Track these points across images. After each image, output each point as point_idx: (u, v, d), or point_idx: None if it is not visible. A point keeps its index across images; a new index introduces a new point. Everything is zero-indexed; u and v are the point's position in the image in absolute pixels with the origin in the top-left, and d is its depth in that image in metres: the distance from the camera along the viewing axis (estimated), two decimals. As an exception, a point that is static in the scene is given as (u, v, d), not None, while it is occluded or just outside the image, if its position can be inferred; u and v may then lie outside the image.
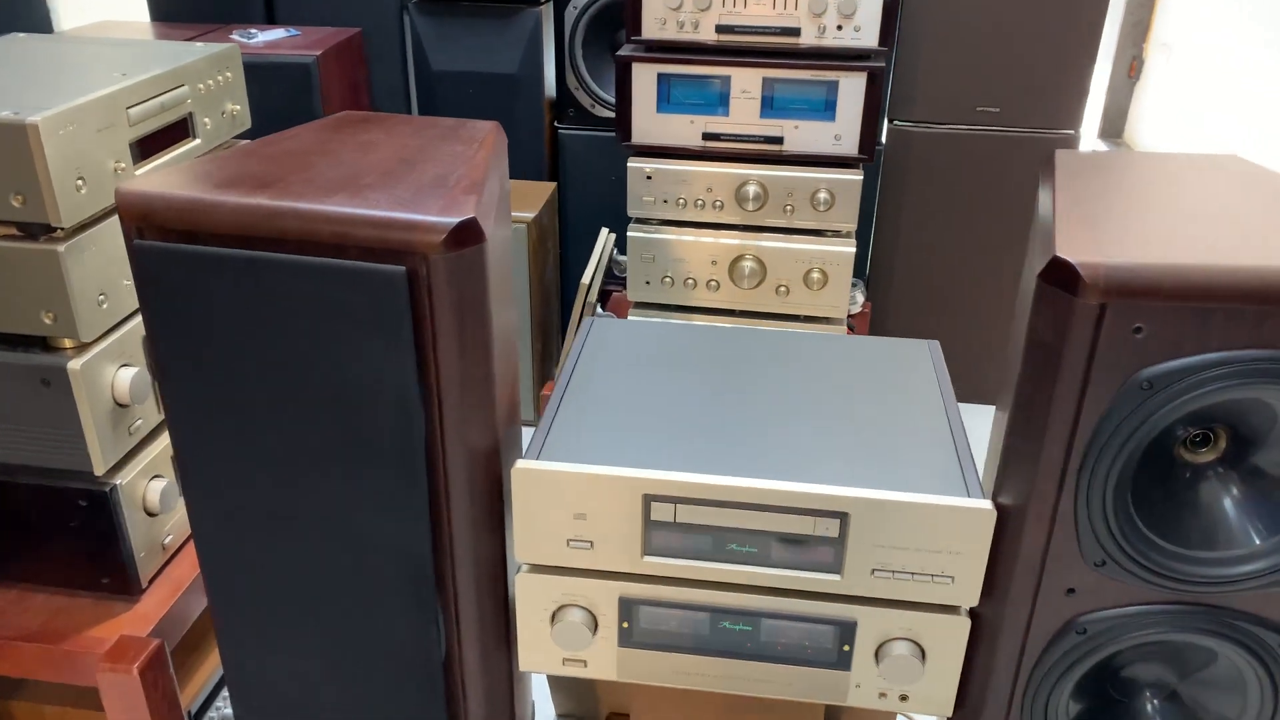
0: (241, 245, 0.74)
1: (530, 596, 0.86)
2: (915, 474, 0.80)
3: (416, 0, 1.92)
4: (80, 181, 0.87)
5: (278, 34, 1.83)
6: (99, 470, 0.94)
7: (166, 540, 1.04)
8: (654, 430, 0.85)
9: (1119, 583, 0.75)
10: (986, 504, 0.76)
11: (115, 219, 0.93)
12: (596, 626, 0.86)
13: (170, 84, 0.99)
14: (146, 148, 0.96)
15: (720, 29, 1.42)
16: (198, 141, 1.05)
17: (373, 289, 0.72)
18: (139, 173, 0.95)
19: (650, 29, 1.44)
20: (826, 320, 1.56)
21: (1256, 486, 0.73)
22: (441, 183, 0.78)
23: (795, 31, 1.40)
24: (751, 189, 1.48)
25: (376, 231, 0.71)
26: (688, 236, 1.52)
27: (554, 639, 0.86)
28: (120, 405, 0.95)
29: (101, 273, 0.91)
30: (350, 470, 0.79)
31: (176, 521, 1.06)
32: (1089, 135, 3.77)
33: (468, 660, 0.88)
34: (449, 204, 0.73)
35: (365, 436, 0.77)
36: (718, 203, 1.50)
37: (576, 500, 0.80)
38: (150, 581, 1.03)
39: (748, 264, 1.51)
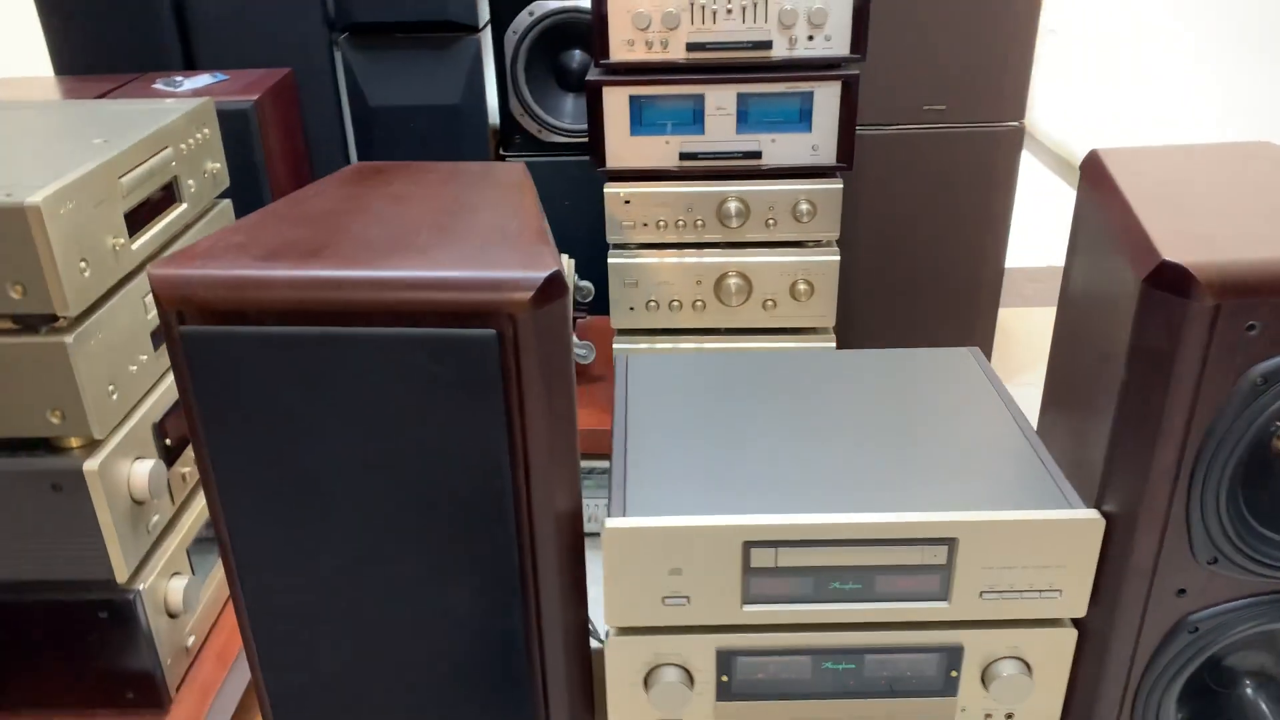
0: (300, 321, 0.67)
1: (621, 661, 0.81)
2: (1010, 489, 0.78)
3: (347, 36, 1.83)
4: (84, 264, 0.78)
5: (204, 79, 1.73)
6: (121, 577, 0.85)
7: (189, 642, 0.96)
8: (736, 471, 0.81)
9: (1228, 578, 0.75)
10: (1094, 514, 0.75)
11: (116, 302, 0.84)
12: (692, 684, 0.82)
13: (155, 147, 0.91)
14: (138, 219, 0.88)
15: (691, 47, 1.39)
16: (185, 206, 0.97)
17: (459, 355, 0.66)
18: (134, 247, 0.87)
19: (618, 51, 1.40)
20: (814, 331, 1.54)
21: (1355, 469, 0.74)
22: (503, 234, 0.73)
23: (767, 45, 1.39)
24: (733, 205, 1.45)
25: (457, 294, 0.66)
26: (670, 258, 1.49)
27: (651, 702, 0.81)
28: (137, 502, 0.86)
29: (109, 361, 0.83)
30: (430, 548, 0.73)
31: (197, 620, 0.98)
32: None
33: (557, 734, 0.83)
34: (527, 258, 0.69)
35: (447, 511, 0.72)
36: (699, 222, 1.47)
37: (672, 555, 0.76)
38: (177, 689, 0.94)
39: (733, 281, 1.49)
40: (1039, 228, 2.80)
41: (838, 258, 1.48)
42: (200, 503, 0.99)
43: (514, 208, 0.79)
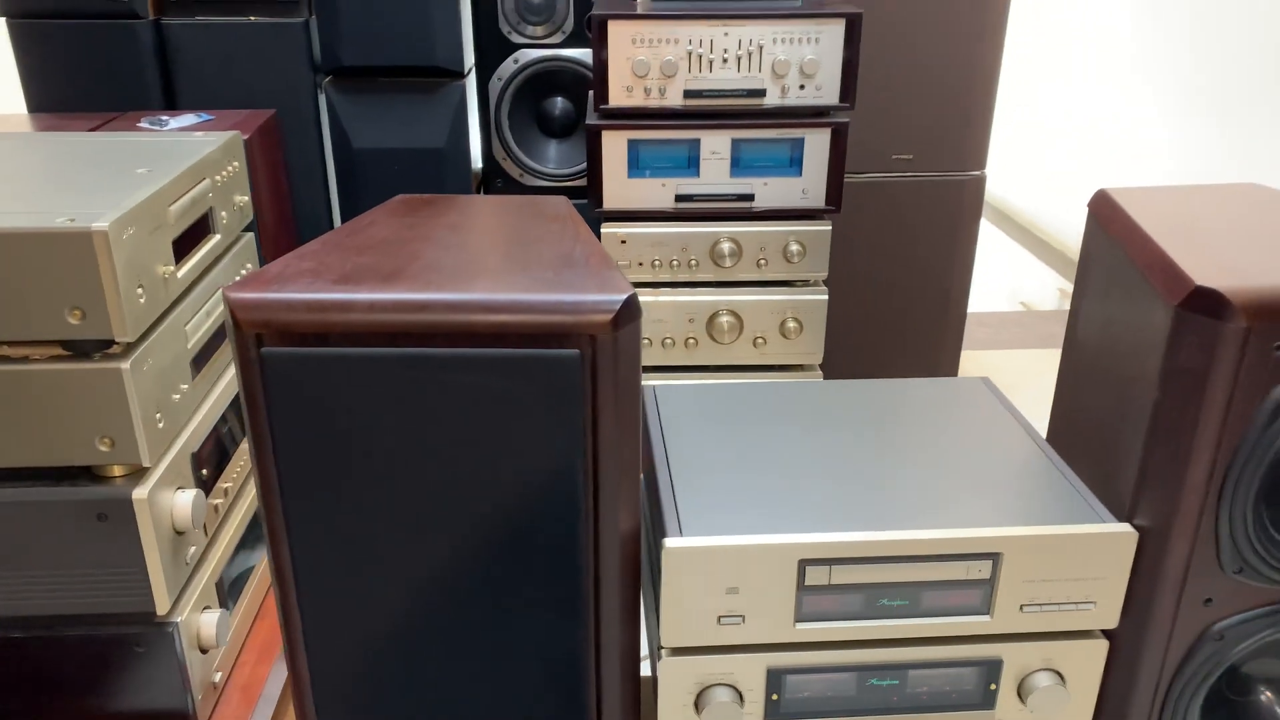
0: (380, 344, 0.68)
1: (674, 681, 0.82)
2: (1046, 506, 0.82)
3: (331, 79, 1.85)
4: (140, 290, 0.78)
5: (189, 119, 1.72)
6: (162, 609, 0.84)
7: (217, 678, 0.94)
8: (782, 493, 0.84)
9: (1251, 586, 0.80)
10: (1128, 527, 0.79)
11: (163, 329, 0.84)
12: (743, 703, 0.83)
13: (196, 178, 0.91)
14: (181, 248, 0.88)
15: (688, 94, 1.44)
16: (219, 238, 0.97)
17: (544, 375, 0.68)
18: (180, 274, 0.87)
19: (617, 97, 1.44)
20: (802, 368, 1.59)
21: (1363, 481, 0.79)
22: (570, 261, 0.76)
23: (760, 93, 1.44)
24: (726, 246, 1.50)
25: (539, 316, 0.68)
26: (664, 297, 1.52)
27: (703, 722, 0.83)
28: (178, 533, 0.85)
29: (158, 388, 0.82)
30: (499, 570, 0.74)
31: (224, 655, 0.96)
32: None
33: (608, 759, 0.83)
34: (603, 282, 0.71)
35: (519, 532, 0.73)
36: (693, 261, 1.51)
37: (730, 574, 0.78)
38: (205, 726, 0.92)
39: (725, 319, 1.53)
40: (981, 275, 2.90)
41: (826, 297, 1.53)
42: (228, 536, 0.98)
43: (573, 237, 0.82)
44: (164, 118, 1.74)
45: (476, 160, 1.97)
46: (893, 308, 2.09)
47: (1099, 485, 0.86)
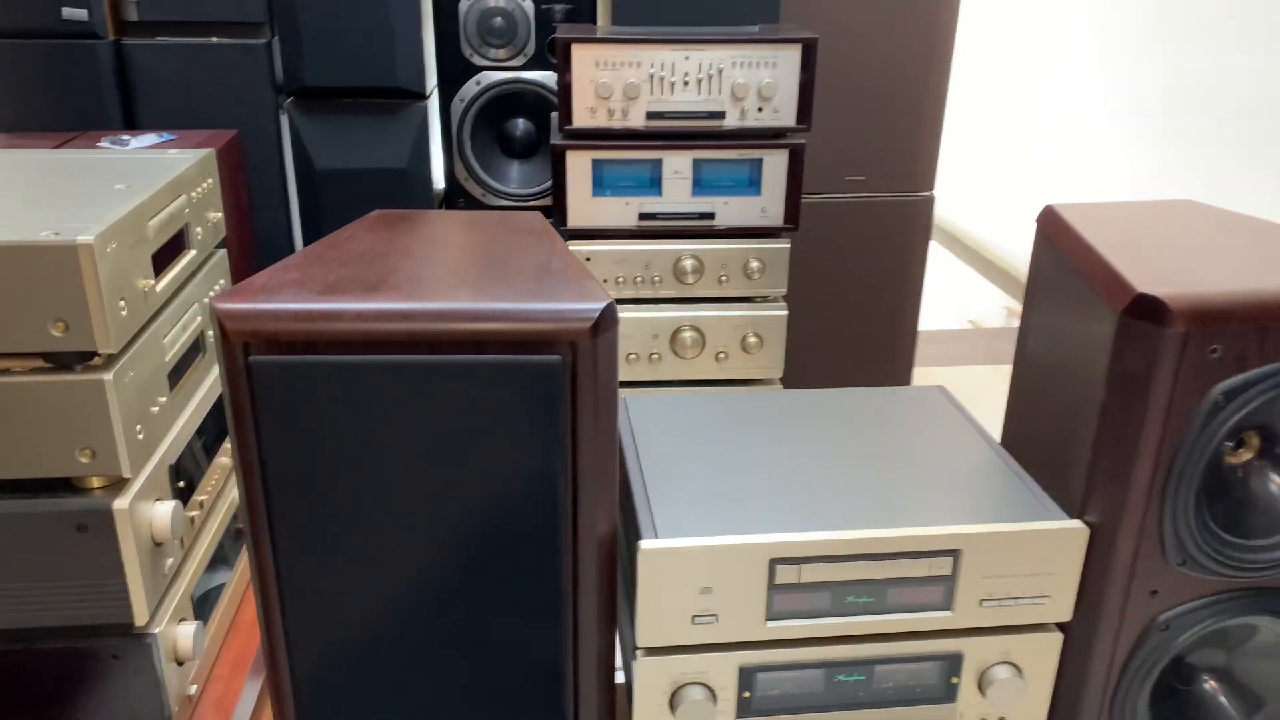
0: (367, 352, 0.70)
1: (649, 681, 0.85)
2: (1001, 505, 0.86)
3: (293, 99, 1.86)
4: (123, 303, 0.80)
5: (150, 139, 1.72)
6: (141, 620, 0.84)
7: (191, 690, 0.94)
8: (752, 495, 0.87)
9: (1194, 578, 0.85)
10: (1078, 523, 0.84)
11: (143, 343, 0.85)
12: (715, 701, 0.86)
13: (173, 194, 0.92)
14: (159, 263, 0.89)
15: (650, 115, 1.48)
16: (194, 253, 0.98)
17: (526, 381, 0.70)
18: (159, 288, 0.88)
19: (581, 118, 1.48)
20: (763, 382, 1.63)
21: (1294, 476, 0.85)
22: (549, 272, 0.78)
23: (720, 115, 1.49)
24: (688, 263, 1.53)
25: (522, 324, 0.71)
26: (628, 313, 1.55)
27: (677, 720, 0.85)
28: (157, 544, 0.86)
29: (138, 401, 0.83)
30: (482, 573, 0.76)
31: (199, 669, 0.96)
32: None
33: (584, 759, 0.85)
34: (581, 292, 0.74)
35: (503, 535, 0.75)
36: (656, 278, 1.54)
37: (704, 573, 0.81)
38: (180, 739, 0.92)
39: (688, 334, 1.56)
40: (931, 294, 2.98)
41: (786, 312, 1.57)
42: (203, 549, 0.98)
43: (549, 250, 0.84)
44: (125, 137, 1.74)
45: (439, 180, 1.99)
46: (848, 324, 2.15)
47: (1051, 485, 0.90)
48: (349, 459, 0.72)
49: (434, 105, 1.95)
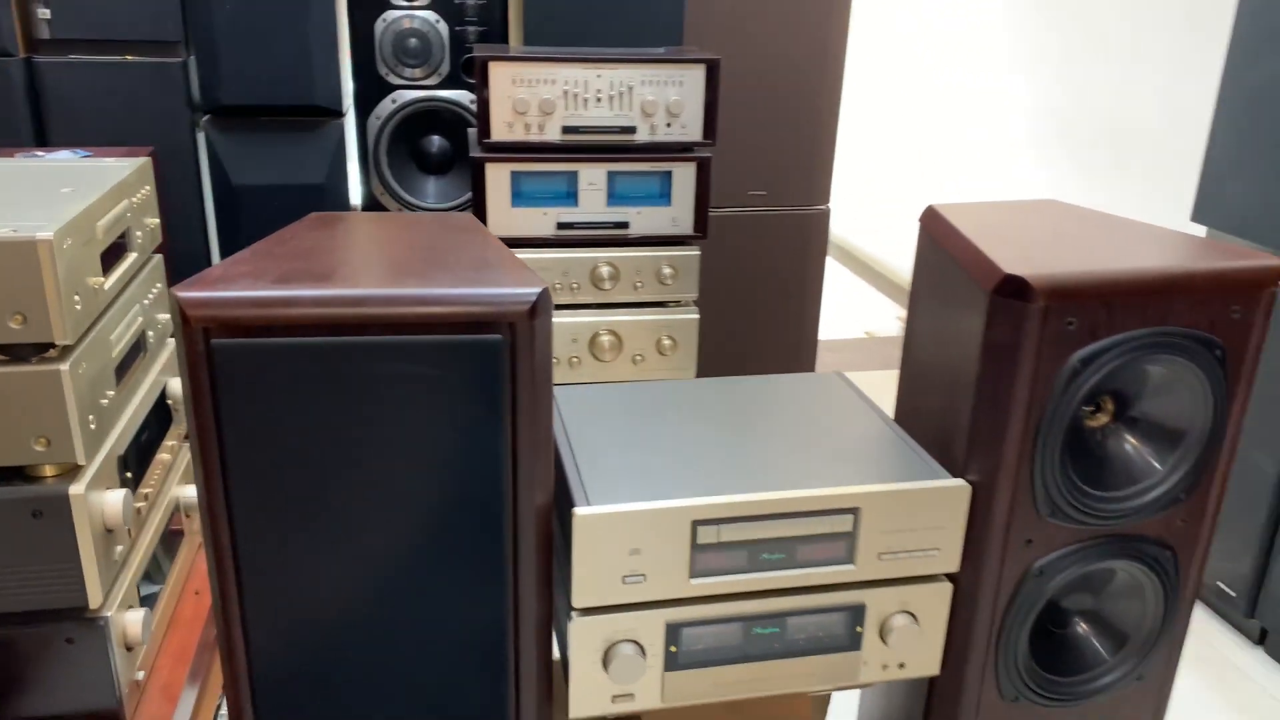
0: (321, 334, 0.76)
1: (584, 640, 0.92)
2: (895, 468, 0.97)
3: (209, 117, 1.88)
4: (77, 297, 0.84)
5: (65, 155, 1.72)
6: (94, 603, 0.88)
7: (139, 676, 0.97)
8: (673, 466, 0.95)
9: (1062, 527, 0.96)
10: (961, 482, 0.94)
11: (93, 337, 0.89)
12: (645, 656, 0.93)
13: (117, 197, 0.97)
14: (105, 262, 0.93)
15: (566, 130, 1.56)
16: (135, 255, 1.02)
17: (470, 359, 0.77)
18: (106, 286, 0.92)
19: (499, 132, 1.55)
20: (676, 383, 1.72)
21: (1142, 430, 0.97)
22: (487, 263, 0.86)
23: (632, 130, 1.58)
24: (605, 270, 1.62)
25: (465, 307, 0.78)
26: (547, 319, 1.63)
27: (610, 677, 0.92)
28: (108, 531, 0.89)
29: (89, 392, 0.87)
30: (430, 542, 0.82)
31: (144, 656, 0.99)
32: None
33: (525, 716, 0.92)
34: (519, 278, 0.81)
35: (448, 505, 0.81)
36: (574, 285, 1.62)
37: (633, 536, 0.89)
38: (130, 723, 0.95)
39: (606, 338, 1.64)
40: (830, 306, 3.13)
41: (697, 316, 1.67)
42: (147, 539, 1.02)
43: (483, 244, 0.92)
44: (40, 154, 1.74)
45: (356, 195, 2.04)
46: (754, 331, 2.26)
47: (938, 452, 1.01)
48: (304, 435, 0.78)
49: (350, 123, 2.00)
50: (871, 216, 4.28)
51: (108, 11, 1.79)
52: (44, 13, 1.77)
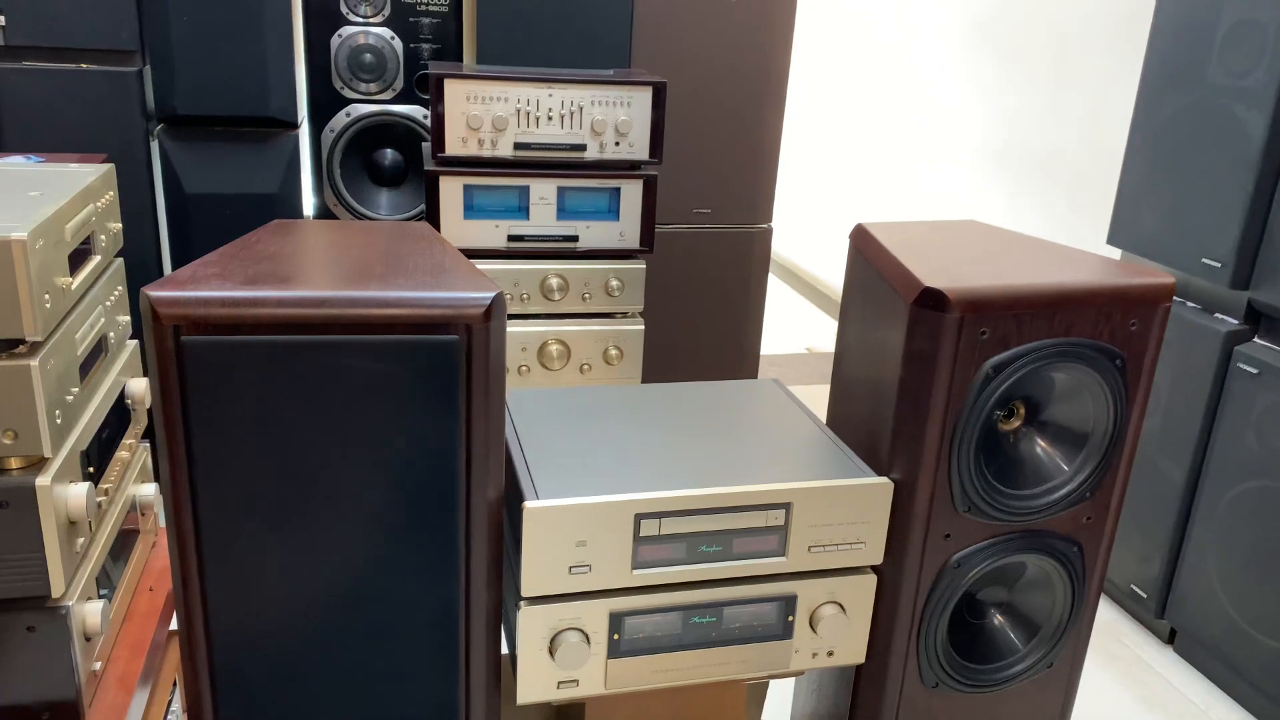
0: (287, 333, 0.81)
1: (531, 628, 0.97)
2: (824, 467, 1.03)
3: (163, 126, 1.91)
4: (47, 296, 0.87)
5: (17, 160, 1.73)
6: (57, 591, 0.91)
7: (97, 666, 1.00)
8: (617, 463, 1.01)
9: (978, 522, 1.04)
10: (885, 479, 1.01)
11: (60, 335, 0.92)
12: (589, 644, 0.99)
13: (84, 201, 1.00)
14: (72, 264, 0.97)
15: (518, 146, 1.62)
16: (98, 259, 1.05)
17: (428, 358, 0.83)
18: (73, 286, 0.95)
19: (453, 146, 1.60)
20: (622, 392, 1.77)
21: (1050, 433, 1.05)
22: (443, 268, 0.91)
23: (582, 147, 1.64)
24: (554, 281, 1.67)
25: (424, 310, 0.83)
26: (497, 329, 1.68)
27: (557, 662, 0.97)
28: (71, 523, 0.92)
29: (56, 388, 0.90)
30: (388, 533, 0.87)
31: (101, 647, 1.02)
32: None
33: (474, 706, 0.96)
34: (474, 283, 0.87)
35: (406, 498, 0.86)
36: (524, 295, 1.68)
37: (579, 529, 0.94)
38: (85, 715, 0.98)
39: (554, 347, 1.70)
40: (773, 323, 3.22)
41: (642, 327, 1.73)
42: (105, 533, 1.04)
43: (440, 251, 0.97)
44: (-8, 158, 1.75)
45: (309, 206, 2.07)
46: (698, 344, 2.33)
47: (865, 453, 1.08)
48: (268, 430, 0.82)
49: (304, 134, 2.03)
50: (813, 236, 4.39)
51: (64, 19, 1.81)
52: (-1, 19, 1.78)
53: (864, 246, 1.11)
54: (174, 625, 1.26)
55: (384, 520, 0.86)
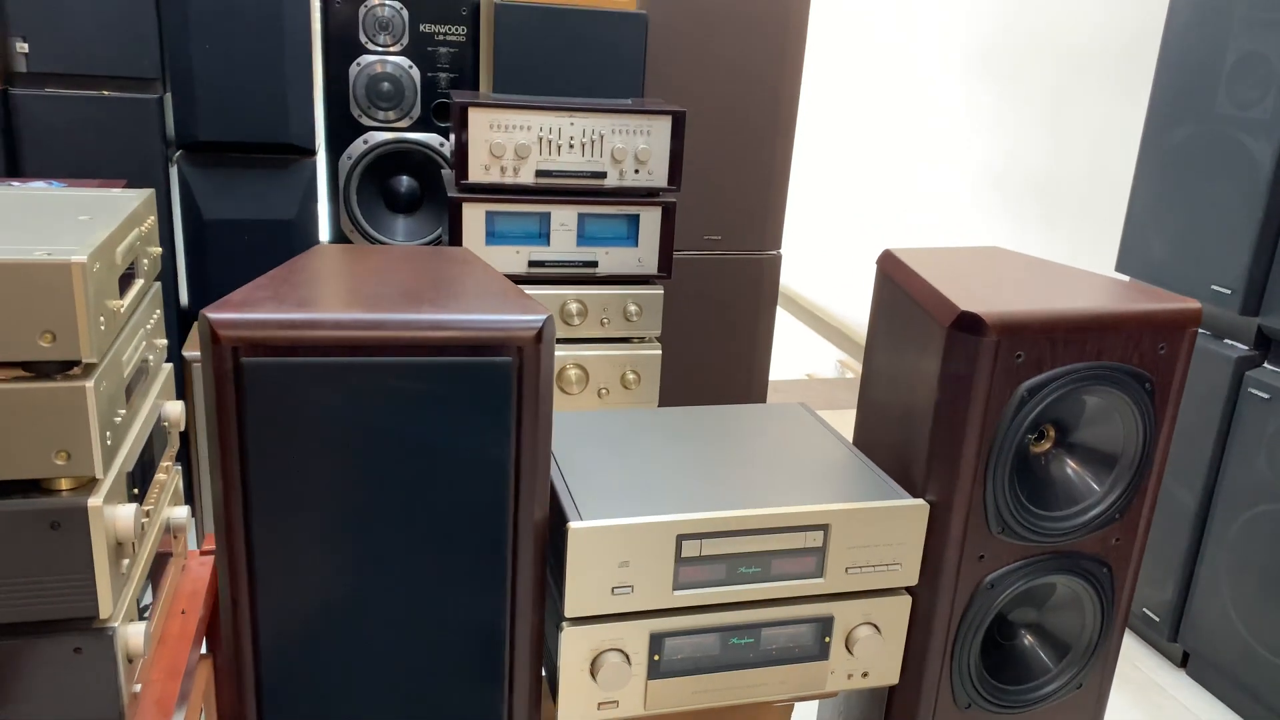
0: (343, 354, 0.82)
1: (574, 649, 0.98)
2: (859, 489, 1.05)
3: (182, 152, 1.92)
4: (102, 319, 0.88)
5: (39, 186, 1.74)
6: (105, 612, 0.91)
7: (137, 689, 1.00)
8: (656, 485, 1.02)
9: (1011, 544, 1.05)
10: (921, 501, 1.03)
11: (110, 357, 0.93)
12: (630, 665, 0.99)
13: (131, 226, 1.01)
14: (121, 287, 0.98)
15: (539, 173, 1.64)
16: (141, 282, 1.06)
17: (481, 379, 0.84)
18: (121, 309, 0.96)
19: (476, 174, 1.62)
20: (639, 416, 1.79)
21: (1080, 456, 1.07)
22: (490, 292, 0.92)
23: (602, 175, 1.66)
24: (574, 306, 1.69)
25: (479, 332, 0.84)
26: (517, 354, 1.69)
27: (598, 683, 0.98)
28: (118, 544, 0.93)
29: (107, 409, 0.91)
30: (438, 552, 0.88)
31: (141, 669, 1.02)
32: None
33: (517, 723, 0.97)
34: (524, 307, 0.88)
35: (457, 517, 0.87)
36: (544, 321, 1.69)
37: (622, 549, 0.95)
38: (128, 734, 0.98)
39: (573, 371, 1.71)
40: (774, 349, 3.24)
41: (660, 352, 1.75)
42: (145, 554, 1.05)
43: (484, 276, 0.98)
44: (14, 184, 1.76)
45: (325, 232, 2.08)
46: (709, 370, 2.35)
47: (896, 476, 1.09)
48: (323, 449, 0.83)
49: (322, 161, 2.05)
50: (813, 264, 4.43)
51: (86, 46, 1.82)
52: (22, 46, 1.80)
53: (893, 271, 1.13)
54: (204, 650, 1.26)
55: (434, 539, 0.87)
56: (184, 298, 2.03)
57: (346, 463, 0.84)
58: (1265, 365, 1.66)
